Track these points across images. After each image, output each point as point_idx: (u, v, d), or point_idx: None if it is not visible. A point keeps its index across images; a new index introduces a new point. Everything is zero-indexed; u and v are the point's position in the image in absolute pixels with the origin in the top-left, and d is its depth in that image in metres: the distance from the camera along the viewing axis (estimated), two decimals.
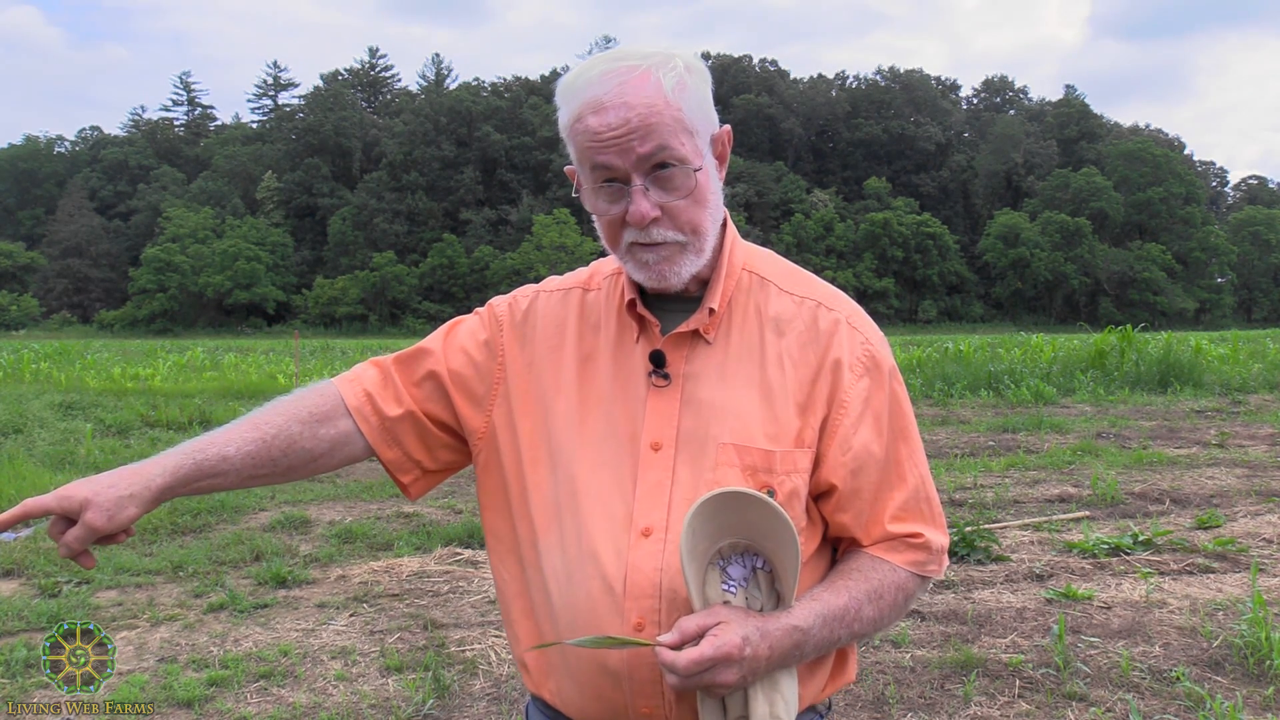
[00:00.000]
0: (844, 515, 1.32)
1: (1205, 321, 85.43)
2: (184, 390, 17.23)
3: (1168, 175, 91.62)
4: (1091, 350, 17.60)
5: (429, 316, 79.24)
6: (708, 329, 1.32)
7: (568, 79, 1.28)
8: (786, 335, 1.33)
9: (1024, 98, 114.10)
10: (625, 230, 1.27)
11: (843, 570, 1.32)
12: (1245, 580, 4.88)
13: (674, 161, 1.23)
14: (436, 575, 5.30)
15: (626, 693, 1.25)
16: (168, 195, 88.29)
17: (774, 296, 1.36)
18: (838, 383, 1.30)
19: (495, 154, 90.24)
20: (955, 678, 3.78)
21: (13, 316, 74.65)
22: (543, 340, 1.41)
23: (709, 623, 1.15)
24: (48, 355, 27.57)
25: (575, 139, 1.26)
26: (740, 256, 1.39)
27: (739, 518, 1.18)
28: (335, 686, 3.78)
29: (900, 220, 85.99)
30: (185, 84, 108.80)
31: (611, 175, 1.25)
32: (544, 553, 1.32)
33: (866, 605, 1.28)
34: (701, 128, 1.27)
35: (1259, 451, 9.09)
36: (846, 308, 1.38)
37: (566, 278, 1.50)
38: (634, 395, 1.32)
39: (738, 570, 1.21)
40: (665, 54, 1.25)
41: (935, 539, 1.34)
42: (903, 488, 1.33)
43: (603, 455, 1.31)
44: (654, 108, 1.21)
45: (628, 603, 1.24)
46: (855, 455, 1.30)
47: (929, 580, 1.37)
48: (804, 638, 1.20)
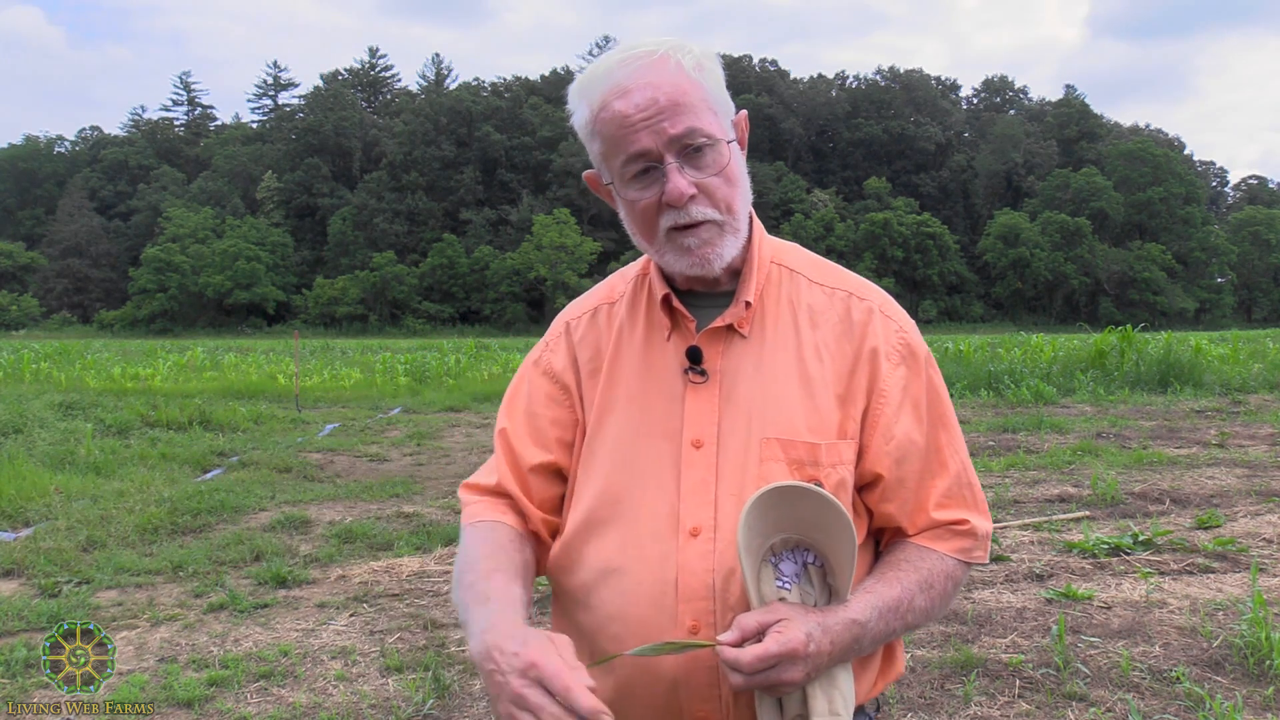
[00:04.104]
0: (889, 505, 1.31)
1: (1205, 321, 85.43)
2: (184, 390, 17.24)
3: (1168, 175, 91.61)
4: (1091, 350, 17.59)
5: (429, 316, 79.31)
6: (742, 323, 1.31)
7: (583, 77, 1.27)
8: (821, 327, 1.32)
9: (1024, 98, 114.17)
10: (662, 215, 1.26)
11: (891, 561, 1.30)
12: (1245, 580, 4.88)
13: (705, 139, 1.22)
14: (436, 575, 5.30)
15: (682, 697, 1.23)
16: (168, 195, 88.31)
17: (805, 288, 1.35)
18: (876, 372, 1.29)
19: (495, 154, 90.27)
20: (955, 678, 3.77)
21: (13, 316, 74.66)
22: (585, 366, 1.40)
23: (769, 620, 1.13)
24: (48, 355, 27.57)
25: (601, 129, 1.24)
26: (769, 250, 1.38)
27: (792, 513, 1.17)
28: (335, 686, 3.78)
29: (900, 220, 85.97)
30: (185, 84, 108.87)
31: (644, 159, 1.23)
32: (588, 561, 1.29)
33: (919, 595, 1.27)
34: (724, 109, 1.27)
35: (1259, 451, 9.09)
36: (878, 297, 1.37)
37: (587, 297, 1.49)
38: (670, 393, 1.31)
39: (790, 566, 1.20)
40: (678, 40, 1.26)
41: (980, 524, 1.34)
42: (945, 475, 1.32)
43: (642, 456, 1.29)
44: (679, 86, 1.21)
45: (681, 605, 1.21)
46: (898, 444, 1.29)
47: (973, 566, 1.36)
48: (862, 631, 1.19)
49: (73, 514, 6.59)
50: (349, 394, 17.28)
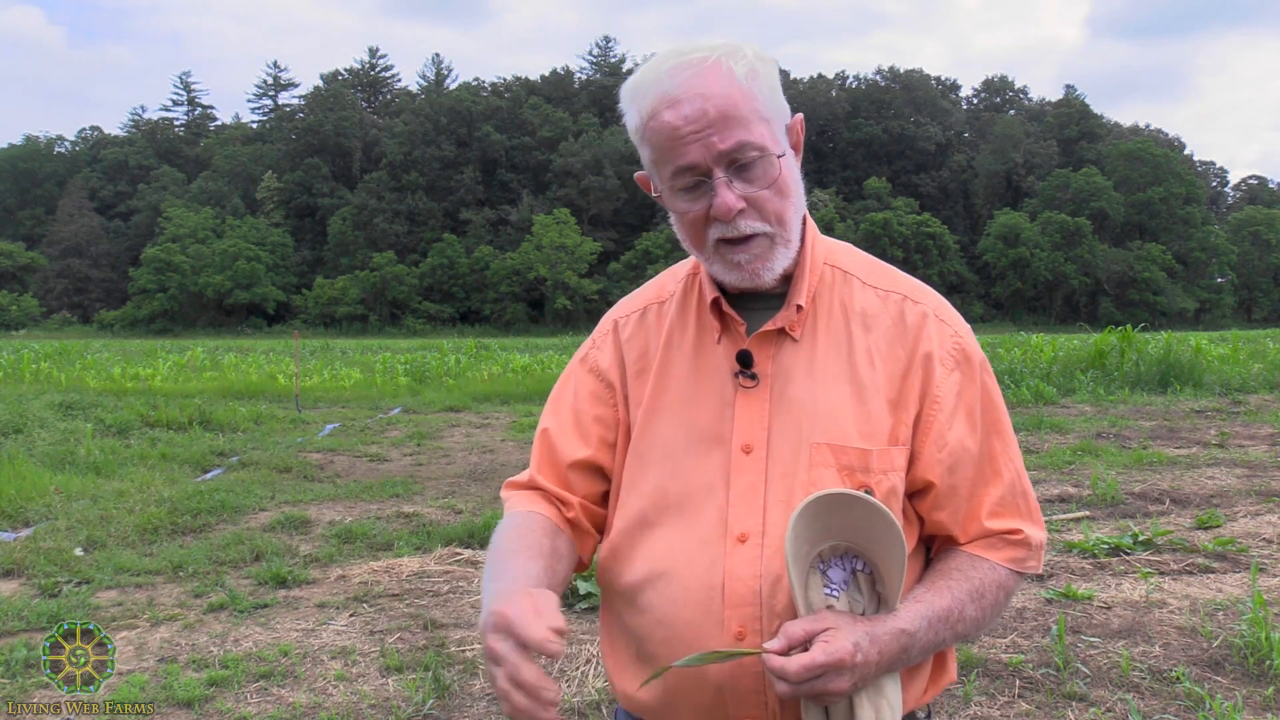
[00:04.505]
0: (941, 513, 1.29)
1: (1205, 321, 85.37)
2: (184, 390, 17.25)
3: (1168, 175, 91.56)
4: (1091, 350, 17.59)
5: (429, 316, 79.27)
6: (794, 326, 1.29)
7: (635, 81, 1.25)
8: (874, 330, 1.30)
9: (1024, 98, 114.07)
10: (710, 227, 1.24)
11: (942, 569, 1.28)
12: (1245, 580, 4.88)
13: (755, 151, 1.20)
14: (436, 575, 5.30)
15: (729, 704, 1.22)
16: (168, 195, 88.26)
17: (858, 291, 1.33)
18: (929, 377, 1.27)
19: (495, 154, 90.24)
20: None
21: (13, 316, 74.63)
22: (632, 366, 1.39)
23: (816, 628, 1.11)
24: (48, 355, 27.57)
25: (650, 137, 1.22)
26: (821, 251, 1.35)
27: (841, 520, 1.15)
28: (335, 686, 3.78)
29: (900, 220, 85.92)
30: (185, 84, 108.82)
31: (693, 171, 1.21)
32: (637, 563, 1.28)
33: (969, 605, 1.24)
34: (777, 116, 1.24)
35: (1259, 451, 9.09)
36: (932, 300, 1.34)
37: (637, 296, 1.47)
38: (720, 397, 1.29)
39: (838, 573, 1.18)
40: (732, 44, 1.22)
41: (1034, 535, 1.31)
42: (999, 483, 1.30)
43: (692, 460, 1.28)
44: (730, 98, 1.18)
45: (728, 611, 1.21)
46: (951, 451, 1.27)
47: (1026, 576, 1.33)
48: (911, 641, 1.17)
49: (73, 514, 6.59)
50: (349, 394, 17.29)
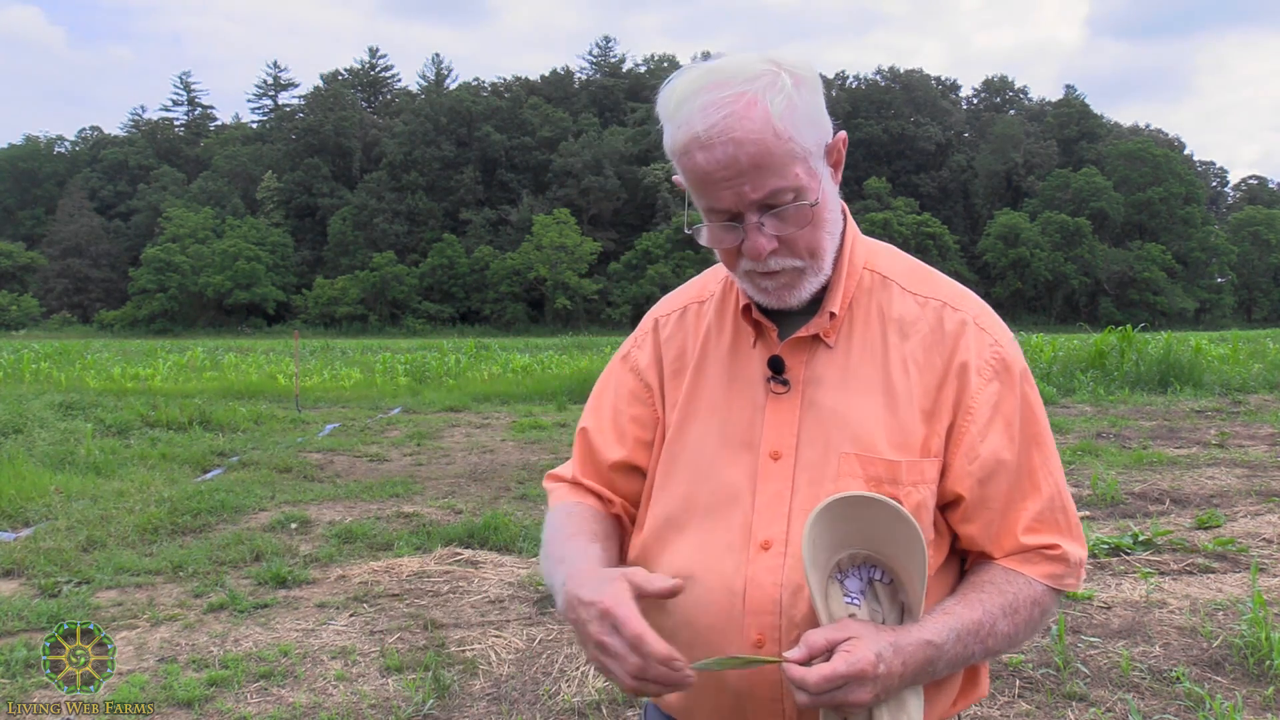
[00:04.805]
0: (971, 526, 1.25)
1: (1205, 321, 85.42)
2: (184, 390, 17.26)
3: (1168, 175, 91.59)
4: (1091, 350, 17.59)
5: (429, 316, 79.29)
6: (828, 333, 1.27)
7: (670, 99, 1.20)
8: (910, 338, 1.26)
9: (1024, 98, 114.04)
10: (741, 259, 1.23)
11: (975, 582, 1.24)
12: (1245, 580, 4.88)
13: (790, 195, 1.18)
14: (436, 575, 5.30)
15: (748, 709, 1.22)
16: (168, 195, 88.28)
17: (897, 297, 1.30)
18: (964, 387, 1.24)
19: (495, 154, 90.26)
20: None
21: (13, 316, 74.64)
22: (669, 366, 1.39)
23: (838, 637, 1.09)
24: (48, 355, 27.58)
25: (683, 169, 1.20)
26: (861, 255, 1.32)
27: (859, 526, 1.14)
28: (335, 686, 3.78)
29: (900, 220, 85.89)
30: (185, 84, 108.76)
31: (724, 215, 1.20)
32: (664, 565, 1.28)
33: (1001, 620, 1.20)
34: (815, 146, 1.21)
35: (1259, 451, 9.09)
36: (974, 307, 1.31)
37: (678, 294, 1.47)
38: (752, 402, 1.28)
39: (854, 583, 1.17)
40: (771, 72, 1.17)
41: (1073, 551, 1.26)
42: (1037, 497, 1.25)
43: (721, 465, 1.27)
44: (763, 144, 1.14)
45: (748, 618, 1.20)
46: (983, 464, 1.23)
47: (1064, 594, 1.29)
48: (937, 654, 1.14)
49: (73, 514, 6.59)
50: (349, 394, 17.29)
